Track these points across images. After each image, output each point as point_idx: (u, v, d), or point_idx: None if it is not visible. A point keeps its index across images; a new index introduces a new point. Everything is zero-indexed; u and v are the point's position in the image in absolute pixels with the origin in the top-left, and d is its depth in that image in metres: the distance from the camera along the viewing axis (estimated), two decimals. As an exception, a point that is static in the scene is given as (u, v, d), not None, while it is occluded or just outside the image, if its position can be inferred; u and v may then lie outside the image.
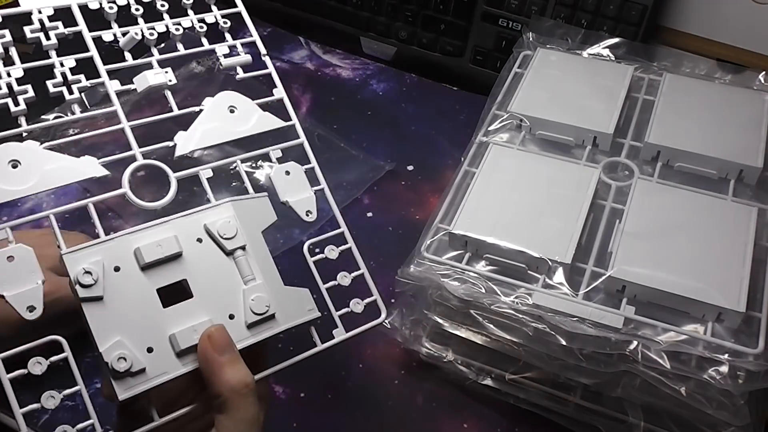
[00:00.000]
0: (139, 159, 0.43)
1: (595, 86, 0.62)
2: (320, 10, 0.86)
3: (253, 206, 0.44)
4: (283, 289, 0.43)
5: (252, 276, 0.42)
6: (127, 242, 0.40)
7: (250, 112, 0.47)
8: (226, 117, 0.46)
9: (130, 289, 0.39)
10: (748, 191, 0.55)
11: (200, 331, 0.39)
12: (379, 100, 0.81)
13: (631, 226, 0.52)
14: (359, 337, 0.59)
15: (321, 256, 0.46)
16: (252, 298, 0.41)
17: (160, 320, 0.39)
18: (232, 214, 0.42)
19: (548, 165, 0.57)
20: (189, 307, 0.40)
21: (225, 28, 0.49)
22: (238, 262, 0.42)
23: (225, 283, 0.41)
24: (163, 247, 0.40)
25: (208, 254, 0.41)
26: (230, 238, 0.42)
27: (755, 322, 0.47)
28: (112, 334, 0.37)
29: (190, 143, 0.44)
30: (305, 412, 0.56)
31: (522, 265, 0.51)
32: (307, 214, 0.46)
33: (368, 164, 0.73)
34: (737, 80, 0.63)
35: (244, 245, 0.42)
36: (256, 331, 0.41)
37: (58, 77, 0.42)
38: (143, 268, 0.39)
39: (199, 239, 0.41)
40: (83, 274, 0.38)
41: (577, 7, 0.74)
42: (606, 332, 0.47)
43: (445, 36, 0.81)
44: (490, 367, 0.55)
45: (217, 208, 0.42)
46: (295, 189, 0.46)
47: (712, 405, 0.46)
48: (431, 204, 0.69)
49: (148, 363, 0.38)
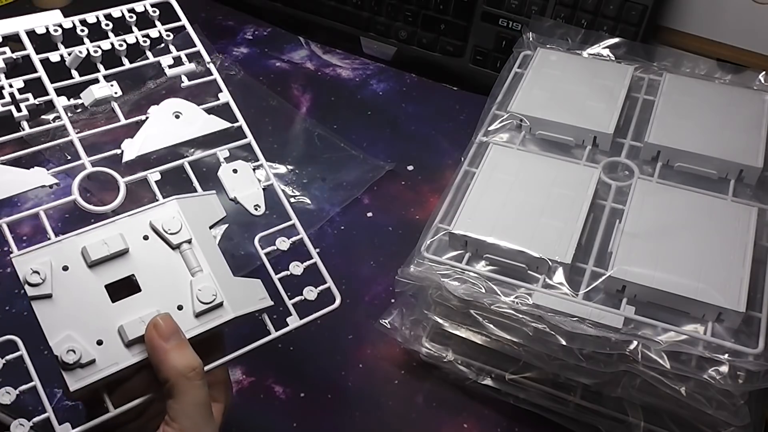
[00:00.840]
0: (87, 167, 0.45)
1: (595, 86, 0.62)
2: (320, 10, 0.86)
3: (199, 203, 0.46)
4: (233, 280, 0.44)
5: (199, 268, 0.43)
6: (74, 243, 0.41)
7: (196, 116, 0.49)
8: (172, 122, 0.48)
9: (79, 287, 0.41)
10: (748, 191, 0.55)
11: (148, 321, 0.40)
12: (379, 100, 0.81)
13: (631, 226, 0.52)
14: (359, 338, 0.60)
15: (272, 248, 0.48)
16: (199, 288, 0.42)
17: (109, 314, 0.40)
18: (176, 210, 0.44)
19: (548, 165, 0.57)
20: (137, 300, 0.41)
21: (168, 41, 0.51)
22: (184, 255, 0.43)
23: (172, 276, 0.42)
24: (108, 245, 0.41)
25: (155, 250, 0.43)
26: (175, 233, 0.43)
27: (755, 322, 0.47)
28: (61, 329, 0.39)
29: (134, 149, 0.46)
30: (305, 412, 0.56)
31: (522, 265, 0.51)
32: (255, 208, 0.48)
33: (368, 164, 0.73)
34: (737, 80, 0.63)
35: (189, 239, 0.43)
36: (205, 320, 0.42)
37: (6, 98, 0.45)
38: (90, 266, 0.41)
39: (145, 236, 0.43)
40: (31, 274, 0.40)
41: (577, 7, 0.74)
42: (606, 332, 0.47)
43: (445, 36, 0.81)
44: (490, 367, 0.55)
45: (162, 207, 0.44)
46: (243, 185, 0.48)
47: (712, 405, 0.46)
48: (431, 204, 0.69)
49: (98, 355, 0.39)
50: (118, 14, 0.50)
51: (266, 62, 0.85)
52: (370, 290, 0.63)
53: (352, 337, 0.60)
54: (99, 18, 0.49)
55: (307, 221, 0.68)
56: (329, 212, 0.69)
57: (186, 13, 0.52)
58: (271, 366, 0.58)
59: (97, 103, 0.47)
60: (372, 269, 0.65)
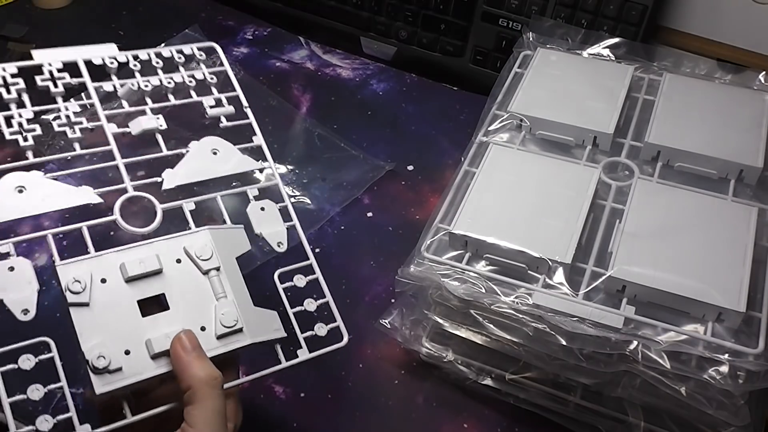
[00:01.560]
0: (130, 191, 0.48)
1: (595, 86, 0.62)
2: (320, 10, 0.86)
3: (228, 235, 0.49)
4: (253, 309, 0.47)
5: (224, 294, 0.46)
6: (114, 258, 0.45)
7: (231, 154, 0.53)
8: (209, 158, 0.52)
9: (114, 299, 0.44)
10: (748, 191, 0.55)
11: (173, 337, 0.43)
12: (379, 100, 0.81)
13: (631, 226, 0.52)
14: (359, 337, 0.60)
15: (290, 284, 0.51)
16: (222, 312, 0.45)
17: (139, 327, 0.44)
18: (209, 239, 0.47)
19: (548, 165, 0.57)
20: (165, 317, 0.45)
21: (212, 83, 0.55)
22: (211, 281, 0.46)
23: (199, 299, 0.46)
24: (145, 264, 0.45)
25: (186, 273, 0.46)
26: (206, 260, 0.47)
27: (755, 322, 0.47)
28: (94, 336, 0.42)
29: (175, 179, 0.50)
30: (305, 412, 0.56)
31: (522, 265, 0.51)
32: (278, 245, 0.51)
33: (368, 164, 0.73)
34: (737, 80, 0.63)
35: (218, 266, 0.47)
36: (225, 342, 0.45)
37: (62, 119, 0.49)
38: (127, 281, 0.44)
39: (178, 260, 0.46)
40: (73, 282, 0.43)
41: (577, 7, 0.74)
42: (606, 332, 0.47)
43: (445, 36, 0.81)
44: (490, 367, 0.55)
45: (196, 234, 0.48)
46: (269, 222, 0.52)
47: (712, 405, 0.46)
48: (431, 204, 0.69)
49: (125, 363, 0.42)
50: (168, 54, 0.54)
51: (266, 62, 0.85)
52: (370, 290, 0.63)
53: (352, 337, 0.60)
54: (150, 55, 0.53)
55: (308, 221, 0.68)
56: (329, 212, 0.69)
57: (186, 13, 0.53)
58: (271, 366, 0.58)
59: (143, 133, 0.51)
60: (372, 269, 0.65)
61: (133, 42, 0.86)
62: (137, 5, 0.92)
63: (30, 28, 0.86)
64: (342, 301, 0.62)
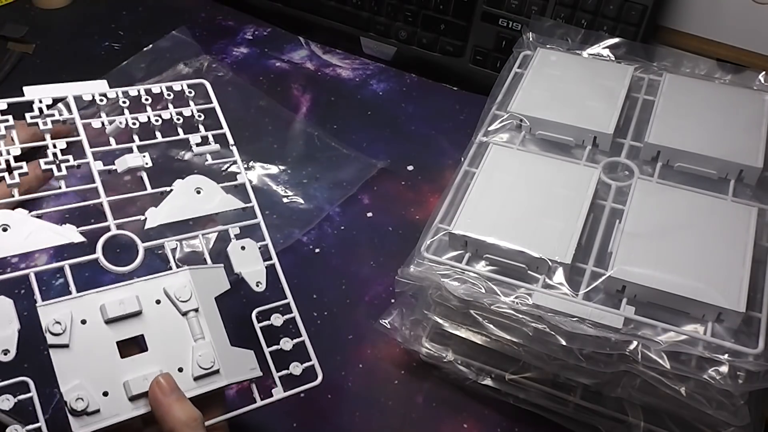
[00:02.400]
0: (113, 229, 0.49)
1: (595, 86, 0.62)
2: (320, 10, 0.86)
3: (208, 275, 0.50)
4: (230, 349, 0.48)
5: (202, 335, 0.47)
6: (94, 299, 0.45)
7: (214, 193, 0.53)
8: (193, 196, 0.52)
9: (93, 340, 0.44)
10: (748, 191, 0.55)
11: (151, 379, 0.44)
12: (379, 100, 0.81)
13: (631, 226, 0.52)
14: (359, 337, 0.60)
15: (267, 323, 0.51)
16: (200, 354, 0.46)
17: (117, 368, 0.44)
18: (188, 280, 0.48)
19: (548, 165, 0.57)
20: (144, 359, 0.45)
21: (199, 121, 0.55)
22: (190, 322, 0.47)
23: (177, 340, 0.46)
24: (125, 305, 0.45)
25: (165, 314, 0.47)
26: (185, 301, 0.47)
27: (755, 322, 0.47)
28: (73, 377, 0.43)
29: (157, 218, 0.50)
30: (305, 412, 0.56)
31: (522, 265, 0.51)
32: (257, 285, 0.51)
33: (361, 162, 0.73)
34: (737, 80, 0.63)
35: (197, 308, 0.47)
36: (202, 384, 0.46)
37: (50, 157, 0.49)
38: (107, 322, 0.45)
39: (158, 300, 0.47)
40: (53, 324, 0.43)
41: (577, 7, 0.74)
42: (606, 332, 0.47)
43: (445, 36, 0.81)
44: (490, 367, 0.55)
45: (176, 275, 0.48)
46: (248, 262, 0.52)
47: (712, 405, 0.46)
48: (431, 204, 0.69)
49: (103, 405, 0.43)
50: (158, 90, 0.55)
51: (266, 62, 0.85)
52: (370, 290, 0.63)
53: (352, 337, 0.60)
54: (140, 92, 0.54)
55: (303, 220, 0.68)
56: (325, 211, 0.69)
57: (186, 13, 0.53)
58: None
59: (128, 171, 0.51)
60: (372, 269, 0.65)
61: (133, 42, 0.87)
62: (137, 5, 0.92)
63: (30, 28, 0.86)
64: (342, 301, 0.63)
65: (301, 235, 0.67)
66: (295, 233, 0.67)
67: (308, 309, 0.61)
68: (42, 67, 0.82)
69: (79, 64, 0.83)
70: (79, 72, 0.80)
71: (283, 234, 0.67)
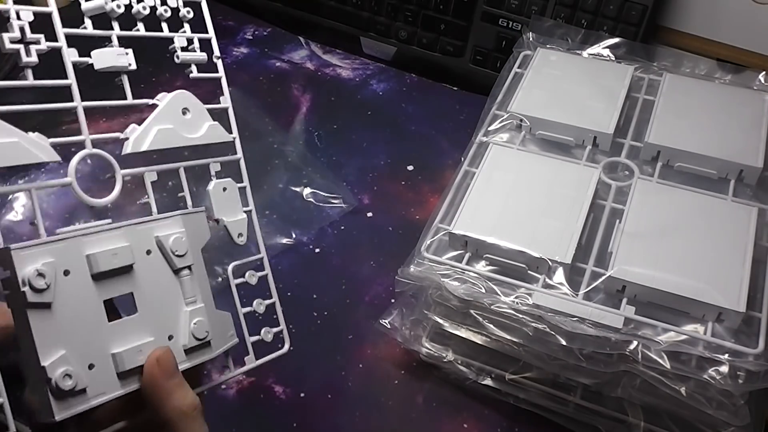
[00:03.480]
0: (88, 147, 0.39)
1: (595, 86, 0.62)
2: (320, 10, 0.86)
3: (195, 222, 0.42)
4: (214, 314, 0.42)
5: (194, 298, 0.41)
6: (79, 245, 0.36)
7: (202, 118, 0.44)
8: (179, 119, 0.43)
9: (78, 298, 0.36)
10: (748, 191, 0.55)
11: (146, 352, 0.37)
12: (379, 100, 0.81)
13: (631, 226, 0.52)
14: (359, 337, 0.60)
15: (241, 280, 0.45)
16: (194, 322, 0.40)
17: (104, 335, 0.37)
18: (183, 230, 0.41)
19: (548, 165, 0.57)
20: (132, 323, 0.38)
21: (186, 18, 0.45)
22: (183, 282, 0.40)
23: (168, 302, 0.40)
24: (118, 257, 0.37)
25: (156, 269, 0.40)
26: (181, 256, 0.40)
27: (755, 322, 0.47)
28: (56, 347, 0.34)
29: (143, 142, 0.41)
30: (305, 412, 0.56)
31: (522, 265, 0.51)
32: (238, 237, 0.45)
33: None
34: (737, 80, 0.63)
35: (191, 264, 0.41)
36: (192, 356, 0.40)
37: (15, 31, 0.38)
38: (94, 277, 0.37)
39: (148, 251, 0.39)
40: (36, 276, 0.34)
41: (577, 7, 0.74)
42: (606, 332, 0.47)
43: (445, 36, 0.81)
44: (490, 367, 0.55)
45: (167, 221, 0.40)
46: (230, 208, 0.45)
47: (712, 405, 0.46)
48: (431, 204, 0.69)
49: (90, 381, 0.35)
50: None
51: (266, 62, 0.85)
52: (370, 290, 0.63)
53: (352, 337, 0.60)
54: None
55: (306, 222, 0.68)
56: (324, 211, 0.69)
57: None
58: (271, 366, 0.58)
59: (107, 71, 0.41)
60: (372, 269, 0.65)
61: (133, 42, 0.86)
62: (137, 5, 0.92)
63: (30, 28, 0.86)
64: (342, 301, 0.63)
65: (302, 236, 0.67)
66: (295, 233, 0.67)
67: (308, 309, 0.62)
68: (42, 67, 0.82)
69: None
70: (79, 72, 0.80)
71: (282, 234, 0.67)
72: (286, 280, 0.63)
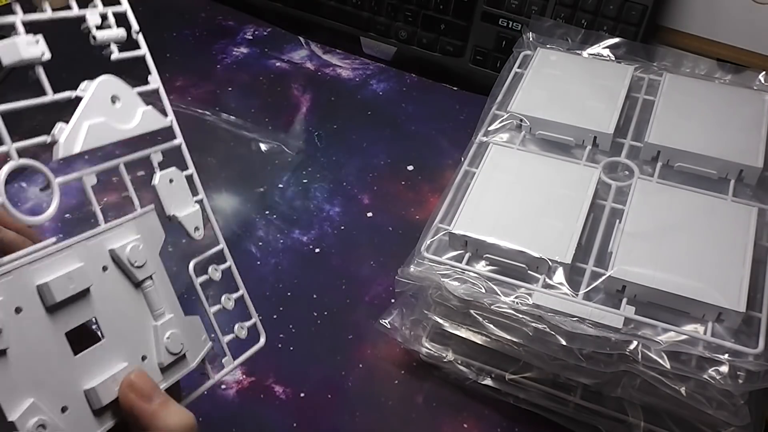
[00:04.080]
0: (14, 158, 0.33)
1: (595, 86, 0.62)
2: (320, 10, 0.86)
3: (148, 224, 0.38)
4: (184, 321, 0.39)
5: (162, 310, 0.37)
6: (26, 275, 0.32)
7: (134, 105, 0.39)
8: (110, 109, 0.37)
9: (36, 337, 0.32)
10: (748, 191, 0.55)
11: (121, 380, 0.34)
12: (379, 100, 0.81)
13: (631, 226, 0.52)
14: (359, 337, 0.60)
15: (205, 277, 0.42)
16: (167, 336, 0.37)
17: (73, 371, 0.33)
18: (138, 236, 0.37)
19: (548, 165, 0.57)
20: (101, 351, 0.34)
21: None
22: (147, 294, 0.37)
23: (135, 320, 0.36)
24: (73, 282, 0.33)
25: (116, 286, 0.36)
26: (140, 267, 0.37)
27: (755, 322, 0.47)
28: (22, 397, 0.31)
29: (74, 143, 0.35)
30: (305, 412, 0.56)
31: (522, 265, 0.51)
32: (195, 231, 0.41)
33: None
34: (737, 80, 0.63)
35: (152, 273, 0.37)
36: (170, 373, 0.37)
37: None
38: (49, 309, 0.33)
39: (104, 267, 0.36)
40: None
41: (577, 7, 0.74)
42: (606, 332, 0.47)
43: (445, 36, 0.81)
44: (490, 367, 0.55)
45: (119, 229, 0.37)
46: (181, 201, 0.40)
47: (712, 405, 0.46)
48: (431, 204, 0.69)
49: (65, 425, 0.32)
50: None
51: (266, 62, 0.85)
52: (370, 290, 0.63)
53: (352, 337, 0.60)
54: None
55: (306, 222, 0.68)
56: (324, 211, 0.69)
57: (186, 13, 0.52)
58: (271, 366, 0.58)
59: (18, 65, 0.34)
60: (372, 269, 0.65)
61: (133, 42, 0.86)
62: (137, 5, 0.91)
63: (30, 28, 0.86)
64: (342, 301, 0.63)
65: (301, 236, 0.67)
66: (295, 233, 0.67)
67: (308, 309, 0.62)
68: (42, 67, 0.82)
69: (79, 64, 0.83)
70: (79, 72, 0.80)
71: (282, 234, 0.67)
72: (286, 280, 0.63)
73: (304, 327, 0.60)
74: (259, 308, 0.61)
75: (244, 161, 0.72)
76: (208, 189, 0.44)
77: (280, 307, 0.61)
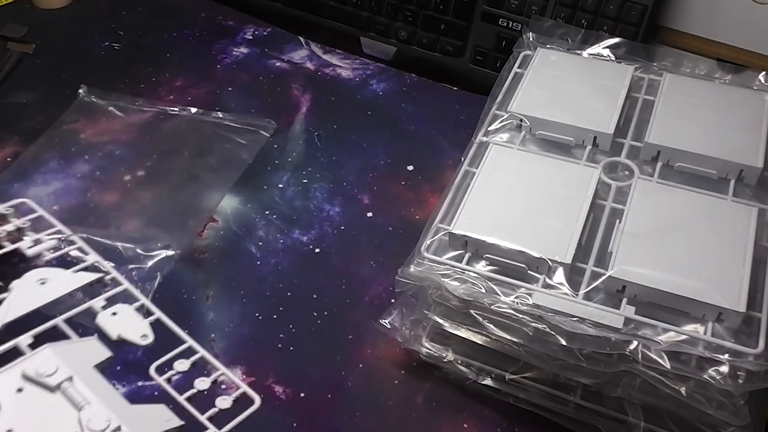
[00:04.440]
0: None
1: (595, 86, 0.62)
2: (320, 10, 0.86)
3: (78, 348, 0.44)
4: (132, 409, 0.42)
5: (85, 401, 0.40)
6: None
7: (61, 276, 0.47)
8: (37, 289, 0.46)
9: None
10: (748, 191, 0.55)
11: None
12: (379, 100, 0.81)
13: (631, 226, 0.52)
14: (359, 337, 0.60)
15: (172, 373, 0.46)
16: (88, 419, 0.40)
17: None
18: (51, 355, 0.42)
19: (548, 165, 0.57)
20: None
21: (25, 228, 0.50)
22: (66, 393, 0.40)
23: (58, 418, 0.40)
24: None
25: (32, 399, 0.40)
26: (51, 375, 0.40)
27: (755, 322, 0.47)
28: None
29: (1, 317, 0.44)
30: (305, 412, 0.56)
31: (522, 265, 0.51)
32: (142, 338, 0.47)
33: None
34: (737, 80, 0.63)
35: (70, 376, 0.41)
36: None
37: None
38: None
39: (19, 389, 0.40)
40: None
41: (577, 7, 0.74)
42: (606, 332, 0.47)
43: (445, 36, 0.81)
44: (490, 367, 0.55)
45: (34, 356, 0.42)
46: (126, 323, 0.47)
47: (712, 405, 0.46)
48: (431, 204, 0.69)
49: None
50: None
51: (266, 62, 0.85)
52: (370, 290, 0.63)
53: (352, 337, 0.60)
54: None
55: (306, 222, 0.68)
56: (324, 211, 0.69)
57: (186, 13, 0.52)
58: (271, 366, 0.58)
59: None
60: (372, 269, 0.65)
61: (133, 42, 0.87)
62: (137, 5, 0.92)
63: (30, 28, 0.86)
64: (342, 301, 0.63)
65: (302, 236, 0.67)
66: (295, 233, 0.67)
67: (308, 309, 0.62)
68: (42, 67, 0.82)
69: (79, 64, 0.83)
70: (79, 72, 0.80)
71: (285, 236, 0.67)
72: (286, 280, 0.63)
73: (304, 327, 0.60)
74: (259, 308, 0.62)
75: (243, 161, 0.72)
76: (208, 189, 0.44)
77: (280, 307, 0.61)
